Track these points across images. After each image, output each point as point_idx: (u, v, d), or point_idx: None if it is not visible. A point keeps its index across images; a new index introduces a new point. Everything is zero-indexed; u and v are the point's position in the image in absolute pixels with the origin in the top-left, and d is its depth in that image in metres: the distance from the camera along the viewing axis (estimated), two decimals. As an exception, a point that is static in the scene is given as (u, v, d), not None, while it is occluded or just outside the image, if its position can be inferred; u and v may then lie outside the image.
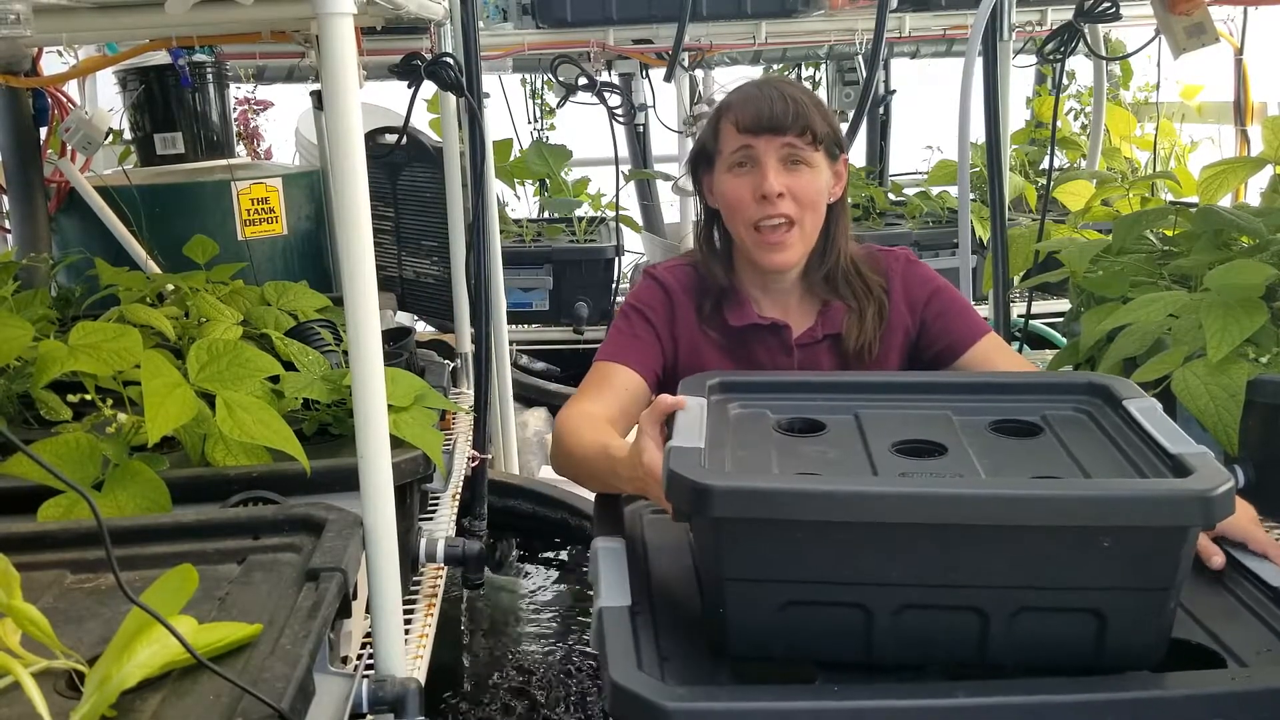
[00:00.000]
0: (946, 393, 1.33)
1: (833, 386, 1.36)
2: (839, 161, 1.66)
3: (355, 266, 1.09)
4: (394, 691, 1.14)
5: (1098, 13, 2.42)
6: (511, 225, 3.92)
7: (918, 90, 4.59)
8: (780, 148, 1.58)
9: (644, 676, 1.02)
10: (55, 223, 2.78)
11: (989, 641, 1.05)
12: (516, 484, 2.87)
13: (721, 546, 1.05)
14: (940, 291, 1.70)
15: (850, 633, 1.07)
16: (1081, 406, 1.28)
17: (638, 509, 1.43)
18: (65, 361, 1.43)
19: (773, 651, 1.09)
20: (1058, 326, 2.98)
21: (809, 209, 1.60)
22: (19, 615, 0.88)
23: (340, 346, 1.74)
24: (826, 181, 1.63)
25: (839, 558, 1.04)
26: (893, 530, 1.02)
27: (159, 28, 2.18)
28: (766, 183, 1.57)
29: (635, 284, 1.84)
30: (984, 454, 1.18)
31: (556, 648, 2.46)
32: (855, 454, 1.20)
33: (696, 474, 1.04)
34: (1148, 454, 1.14)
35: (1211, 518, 1.00)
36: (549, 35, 3.56)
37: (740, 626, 1.08)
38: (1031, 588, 1.03)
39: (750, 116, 1.59)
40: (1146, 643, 1.05)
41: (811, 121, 1.59)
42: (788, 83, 1.68)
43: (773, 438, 1.25)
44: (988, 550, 1.02)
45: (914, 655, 1.08)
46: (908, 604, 1.05)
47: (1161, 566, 1.02)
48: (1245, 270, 1.72)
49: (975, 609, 1.04)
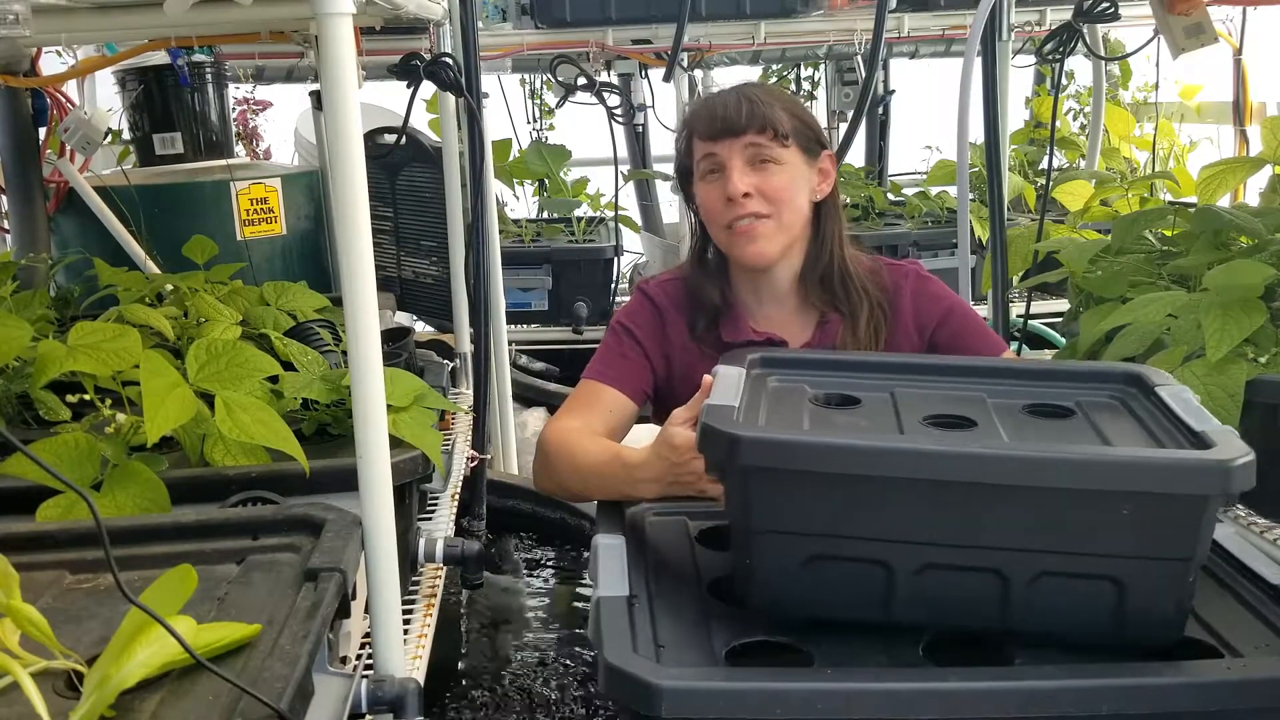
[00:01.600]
0: (984, 376, 1.35)
1: (872, 366, 1.38)
2: (821, 158, 1.64)
3: (354, 266, 1.09)
4: (393, 691, 1.14)
5: (1097, 13, 2.42)
6: (510, 225, 3.92)
7: (917, 90, 4.58)
8: (743, 149, 1.58)
9: (638, 658, 1.03)
10: (54, 223, 2.78)
11: (1009, 606, 1.07)
12: (516, 484, 2.87)
13: (750, 498, 1.09)
14: (954, 311, 1.67)
15: (872, 590, 1.09)
16: (1115, 394, 1.29)
17: (640, 510, 1.44)
18: (64, 361, 1.43)
19: (798, 606, 1.12)
20: (1057, 326, 2.98)
21: (782, 205, 1.59)
22: (18, 615, 0.88)
23: (339, 346, 1.74)
24: (802, 177, 1.61)
25: (862, 513, 1.07)
26: (915, 487, 1.04)
27: (158, 28, 2.18)
28: (730, 184, 1.57)
29: (629, 299, 1.84)
30: (1014, 430, 1.20)
31: (556, 647, 2.46)
32: (886, 424, 1.21)
33: (728, 425, 1.09)
34: (1175, 434, 1.15)
35: (1231, 488, 1.01)
36: (548, 35, 3.56)
37: (765, 579, 1.12)
38: (1052, 552, 1.05)
39: (706, 123, 1.60)
40: (1165, 615, 1.06)
41: (771, 118, 1.57)
42: (752, 85, 1.67)
43: (807, 408, 1.27)
44: (1009, 511, 1.04)
45: (934, 616, 1.10)
46: (929, 563, 1.07)
47: (1181, 537, 1.03)
48: (1244, 270, 1.72)
49: (996, 570, 1.07)
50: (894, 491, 1.05)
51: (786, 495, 1.08)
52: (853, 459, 1.05)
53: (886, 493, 1.05)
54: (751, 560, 1.12)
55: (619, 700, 1.02)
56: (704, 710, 0.97)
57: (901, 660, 1.08)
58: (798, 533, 1.09)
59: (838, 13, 3.61)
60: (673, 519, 1.42)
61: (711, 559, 1.30)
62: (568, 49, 3.49)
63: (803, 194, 1.62)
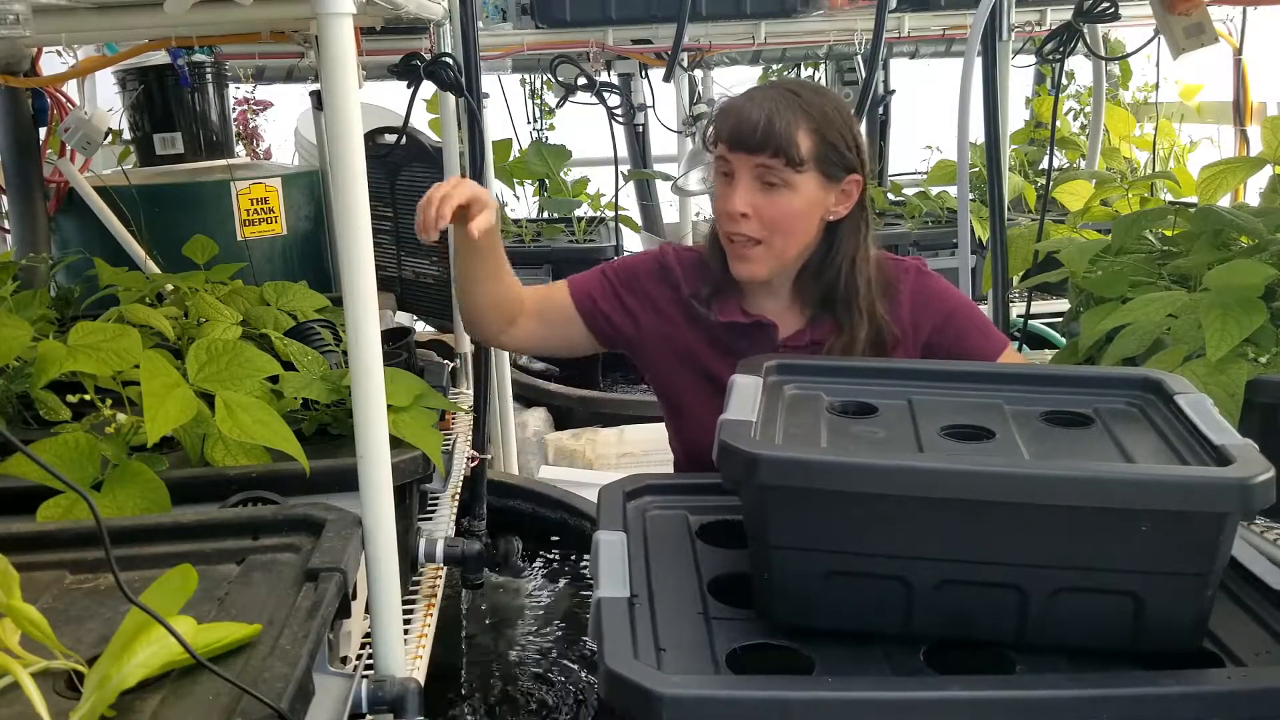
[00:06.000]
0: (1000, 383, 1.35)
1: (888, 373, 1.38)
2: (844, 181, 1.57)
3: (355, 266, 1.09)
4: (393, 691, 1.14)
5: (1097, 13, 2.42)
6: (511, 225, 3.92)
7: (917, 90, 4.59)
8: (753, 166, 1.53)
9: (639, 664, 1.03)
10: (54, 223, 2.78)
11: (1027, 620, 1.08)
12: (516, 484, 2.87)
13: (768, 515, 1.09)
14: (957, 313, 1.65)
15: (891, 606, 1.10)
16: (1134, 401, 1.29)
17: (641, 504, 1.44)
18: (64, 361, 1.43)
19: (816, 619, 1.12)
20: (1057, 326, 2.98)
21: (778, 232, 1.55)
22: (18, 615, 0.88)
23: (340, 346, 1.74)
24: (813, 203, 1.55)
25: (881, 530, 1.07)
26: (934, 505, 1.04)
27: (158, 28, 2.18)
28: (730, 201, 1.54)
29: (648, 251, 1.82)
30: (1032, 441, 1.20)
31: (556, 647, 2.46)
32: (904, 435, 1.21)
33: (746, 444, 1.09)
34: (1195, 446, 1.15)
35: (1250, 506, 1.01)
36: (548, 35, 3.55)
37: (784, 593, 1.12)
38: (1070, 568, 1.05)
39: (726, 130, 1.55)
40: (1183, 629, 1.07)
41: (789, 143, 1.50)
42: (785, 93, 1.56)
43: (825, 417, 1.27)
44: (1028, 528, 1.04)
45: (952, 631, 1.10)
46: (948, 579, 1.08)
47: (1200, 553, 1.03)
48: (1244, 270, 1.72)
49: (1015, 586, 1.07)
50: (913, 509, 1.05)
51: (805, 512, 1.08)
52: (872, 478, 1.05)
53: (905, 510, 1.05)
54: (770, 575, 1.12)
55: (619, 706, 1.02)
56: (704, 718, 0.97)
57: (903, 666, 1.08)
58: (816, 549, 1.09)
59: (838, 13, 3.61)
60: (673, 513, 1.42)
61: (712, 556, 1.30)
62: (568, 49, 3.49)
63: (808, 220, 1.57)
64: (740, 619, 1.16)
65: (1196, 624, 1.07)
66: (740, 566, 1.24)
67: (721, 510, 1.40)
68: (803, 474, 1.06)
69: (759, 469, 1.07)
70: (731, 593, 1.21)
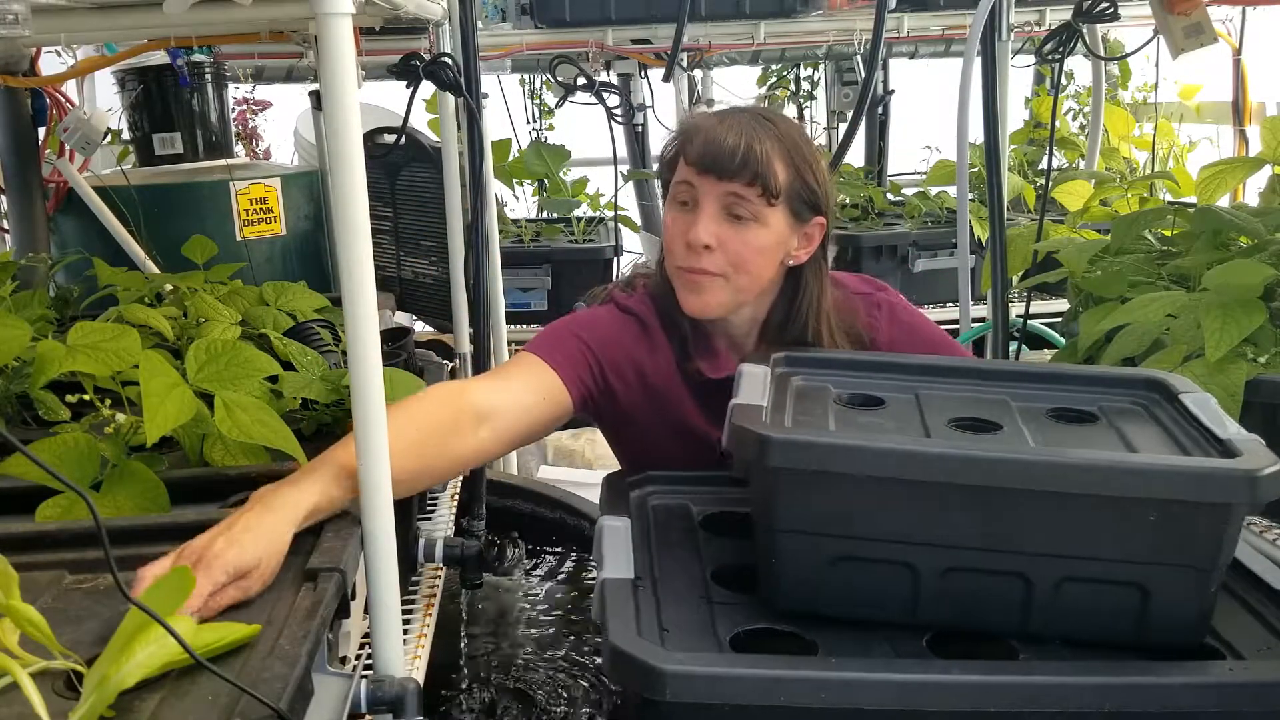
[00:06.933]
0: (1008, 380, 1.36)
1: (896, 367, 1.39)
2: (809, 223, 1.47)
3: (354, 267, 1.09)
4: (393, 691, 1.14)
5: (1096, 13, 2.42)
6: (510, 225, 3.92)
7: (917, 90, 4.59)
8: (723, 194, 1.42)
9: (643, 641, 1.04)
10: (54, 223, 2.78)
11: (1032, 610, 1.08)
12: (515, 484, 2.87)
13: (776, 498, 1.10)
14: (936, 346, 1.59)
15: (897, 592, 1.10)
16: (1138, 400, 1.30)
17: (644, 493, 1.44)
18: (63, 361, 1.43)
19: (821, 605, 1.12)
20: (1056, 326, 2.98)
21: (741, 269, 1.44)
22: (17, 615, 0.88)
23: (339, 346, 1.74)
24: (779, 242, 1.45)
25: (889, 516, 1.08)
26: (941, 491, 1.05)
27: (157, 28, 2.17)
28: (694, 230, 1.42)
29: (601, 307, 1.62)
30: (1038, 434, 1.20)
31: (556, 648, 2.46)
32: (911, 426, 1.22)
33: (758, 425, 1.10)
34: (1201, 442, 1.15)
35: (1259, 497, 1.01)
36: (547, 35, 3.55)
37: (791, 579, 1.12)
38: (1076, 557, 1.06)
39: (697, 152, 1.43)
40: (1187, 623, 1.07)
41: (766, 172, 1.40)
42: (760, 119, 1.45)
43: (832, 408, 1.27)
44: (1034, 517, 1.05)
45: (958, 619, 1.10)
46: (954, 566, 1.08)
47: (1206, 544, 1.04)
48: (1244, 270, 1.72)
49: (1020, 574, 1.07)
50: (921, 494, 1.06)
51: (813, 496, 1.09)
52: (883, 461, 1.06)
53: (914, 495, 1.06)
54: (776, 559, 1.12)
55: (623, 683, 1.03)
56: (709, 695, 0.98)
57: (905, 651, 1.08)
58: (823, 533, 1.10)
59: (837, 13, 3.61)
60: (676, 503, 1.43)
61: (715, 545, 1.31)
62: (567, 49, 3.49)
63: (772, 260, 1.46)
64: (744, 604, 1.17)
65: (1200, 618, 1.08)
66: (743, 557, 1.24)
67: (724, 501, 1.41)
68: (815, 456, 1.07)
69: (770, 450, 1.07)
70: (734, 582, 1.21)
